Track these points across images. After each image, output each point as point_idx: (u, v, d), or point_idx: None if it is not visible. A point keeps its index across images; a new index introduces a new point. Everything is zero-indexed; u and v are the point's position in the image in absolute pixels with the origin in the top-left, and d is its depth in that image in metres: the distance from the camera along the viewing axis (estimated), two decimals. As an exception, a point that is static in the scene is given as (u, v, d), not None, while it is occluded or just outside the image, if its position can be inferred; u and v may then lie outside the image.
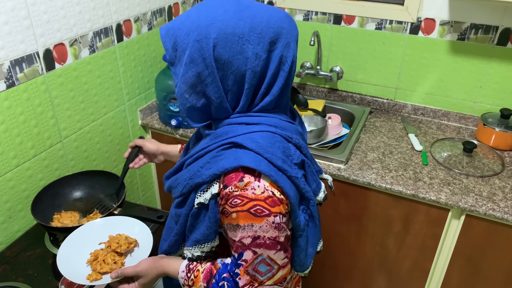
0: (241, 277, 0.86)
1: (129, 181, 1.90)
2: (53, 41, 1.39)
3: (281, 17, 0.85)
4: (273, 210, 0.82)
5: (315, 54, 2.04)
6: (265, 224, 0.82)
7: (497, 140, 1.71)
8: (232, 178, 0.83)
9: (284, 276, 0.88)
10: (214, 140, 0.87)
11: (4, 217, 1.37)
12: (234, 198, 0.82)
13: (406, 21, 1.81)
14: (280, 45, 0.84)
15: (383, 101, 2.00)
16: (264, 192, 0.82)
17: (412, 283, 1.70)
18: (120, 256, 1.12)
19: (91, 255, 1.12)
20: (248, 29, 0.81)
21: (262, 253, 0.84)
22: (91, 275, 1.06)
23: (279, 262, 0.86)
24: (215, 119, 0.91)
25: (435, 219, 1.52)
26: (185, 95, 0.87)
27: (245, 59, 0.82)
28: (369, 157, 1.66)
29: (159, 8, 1.84)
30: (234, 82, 0.84)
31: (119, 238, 1.15)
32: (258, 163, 0.81)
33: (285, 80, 0.86)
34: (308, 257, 0.97)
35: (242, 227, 0.83)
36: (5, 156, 1.32)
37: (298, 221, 0.89)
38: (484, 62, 1.75)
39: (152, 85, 1.91)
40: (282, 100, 0.91)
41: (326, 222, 1.72)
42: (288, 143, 0.88)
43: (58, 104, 1.46)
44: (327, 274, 1.86)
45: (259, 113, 0.88)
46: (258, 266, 0.85)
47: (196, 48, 0.81)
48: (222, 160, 0.84)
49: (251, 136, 0.84)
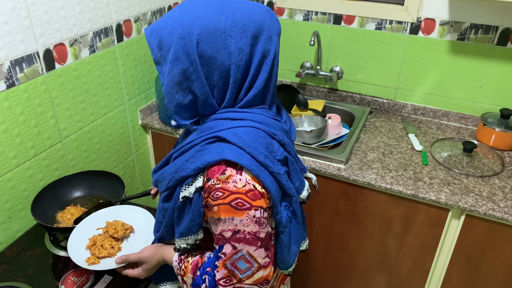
0: (219, 270, 0.87)
1: (129, 181, 1.90)
2: (53, 41, 1.39)
3: (262, 11, 0.87)
4: (254, 203, 0.83)
5: (315, 54, 2.04)
6: (245, 218, 0.83)
7: (497, 140, 1.71)
8: (214, 171, 0.84)
9: (266, 278, 0.88)
10: (200, 135, 0.89)
11: (4, 217, 1.37)
12: (216, 191, 0.83)
13: (406, 21, 1.81)
14: (262, 39, 0.86)
15: (383, 101, 2.00)
16: (245, 185, 0.83)
17: (412, 283, 1.70)
18: (117, 241, 1.18)
19: (90, 240, 1.18)
20: (230, 24, 0.83)
21: (242, 249, 0.85)
22: (89, 259, 1.12)
23: (260, 260, 0.86)
24: (202, 115, 0.92)
25: (435, 219, 1.52)
26: (172, 92, 0.88)
27: (229, 54, 0.83)
28: (369, 157, 1.66)
29: (159, 8, 1.84)
30: (220, 77, 0.85)
31: (115, 224, 1.21)
32: (240, 157, 0.82)
33: (268, 73, 0.88)
34: (291, 255, 0.98)
35: (223, 220, 0.84)
36: (5, 156, 1.32)
37: (280, 217, 0.89)
38: (484, 62, 1.75)
39: (152, 85, 1.91)
40: (267, 96, 0.93)
41: (326, 222, 1.72)
42: (271, 140, 0.89)
43: (58, 104, 1.46)
44: (327, 274, 1.86)
45: (244, 108, 0.90)
46: (237, 262, 0.85)
47: (180, 45, 0.82)
48: (206, 154, 0.85)
49: (235, 131, 0.86)
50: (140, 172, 1.98)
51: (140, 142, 1.93)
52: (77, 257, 1.13)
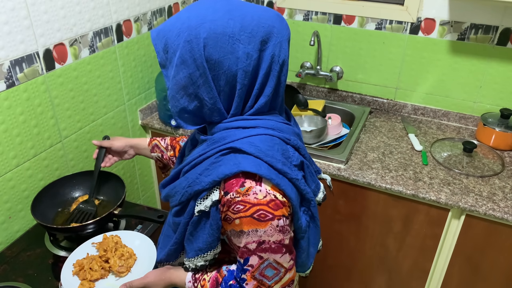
0: (248, 282, 0.85)
1: (129, 181, 1.90)
2: (53, 41, 1.39)
3: (272, 16, 0.85)
4: (277, 213, 0.81)
5: (315, 54, 2.04)
6: (269, 229, 0.81)
7: (497, 140, 1.71)
8: (233, 184, 0.82)
9: (292, 279, 0.87)
10: (212, 146, 0.86)
11: (4, 217, 1.37)
12: (236, 204, 0.81)
13: (406, 21, 1.81)
14: (271, 44, 0.83)
15: (383, 101, 2.00)
16: (266, 196, 0.81)
17: (412, 283, 1.70)
18: (105, 262, 1.12)
19: (74, 266, 1.11)
20: (238, 29, 0.80)
21: (268, 258, 0.83)
22: (83, 285, 1.06)
23: (286, 265, 0.85)
24: (210, 123, 0.89)
25: (435, 219, 1.52)
26: (176, 97, 0.85)
27: (236, 59, 0.81)
28: (369, 157, 1.66)
29: (159, 8, 1.84)
30: (226, 82, 0.82)
31: (107, 243, 1.16)
32: (259, 167, 0.80)
33: (277, 79, 0.86)
34: (310, 257, 0.97)
35: (246, 232, 0.82)
36: (5, 156, 1.32)
37: (300, 223, 0.88)
38: (484, 62, 1.75)
39: (152, 85, 1.91)
40: (277, 102, 0.90)
41: (326, 222, 1.72)
42: (286, 145, 0.88)
43: (58, 104, 1.46)
44: (327, 274, 1.86)
45: (255, 116, 0.87)
46: (265, 271, 0.84)
47: (187, 49, 0.80)
48: (222, 166, 0.82)
49: (249, 140, 0.83)
50: (140, 172, 1.98)
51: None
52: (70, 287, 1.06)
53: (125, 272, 1.10)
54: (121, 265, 1.11)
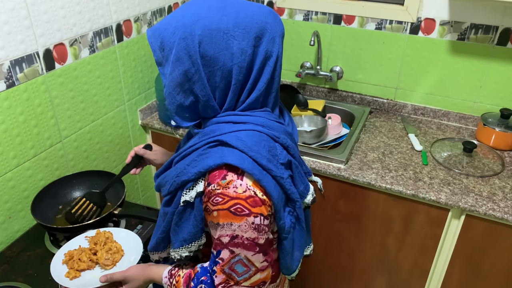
0: (217, 275, 0.87)
1: (129, 181, 1.90)
2: (53, 41, 1.39)
3: (265, 12, 0.86)
4: (254, 210, 0.82)
5: (315, 54, 2.04)
6: (244, 224, 0.82)
7: (497, 140, 1.71)
8: (215, 176, 0.83)
9: (263, 280, 0.88)
10: (201, 138, 0.88)
11: (4, 217, 1.37)
12: (216, 196, 0.82)
13: (406, 21, 1.81)
14: (265, 40, 0.84)
15: (383, 101, 2.00)
16: (246, 191, 0.82)
17: (412, 283, 1.70)
18: (93, 254, 1.17)
19: (65, 255, 1.16)
20: (232, 25, 0.82)
21: (240, 253, 0.84)
22: (69, 273, 1.11)
23: (257, 264, 0.86)
24: (204, 118, 0.91)
25: (435, 219, 1.52)
26: (173, 93, 0.87)
27: (231, 55, 0.82)
28: (369, 157, 1.66)
29: (159, 8, 1.84)
30: (221, 78, 0.84)
31: (98, 237, 1.20)
32: (242, 161, 0.81)
33: (270, 75, 0.87)
34: (295, 261, 0.97)
35: (221, 225, 0.83)
36: (5, 156, 1.32)
37: (283, 223, 0.88)
38: (484, 62, 1.75)
39: (152, 85, 1.92)
40: (269, 98, 0.91)
41: (326, 222, 1.72)
42: (274, 143, 0.88)
43: (58, 104, 1.46)
44: (327, 274, 1.86)
45: (246, 111, 0.88)
46: (235, 266, 0.85)
47: (182, 46, 0.82)
48: (207, 158, 0.84)
49: (237, 134, 0.85)
50: (140, 172, 1.98)
51: (140, 142, 1.93)
52: (58, 274, 1.11)
53: (110, 265, 1.14)
54: (107, 258, 1.15)
